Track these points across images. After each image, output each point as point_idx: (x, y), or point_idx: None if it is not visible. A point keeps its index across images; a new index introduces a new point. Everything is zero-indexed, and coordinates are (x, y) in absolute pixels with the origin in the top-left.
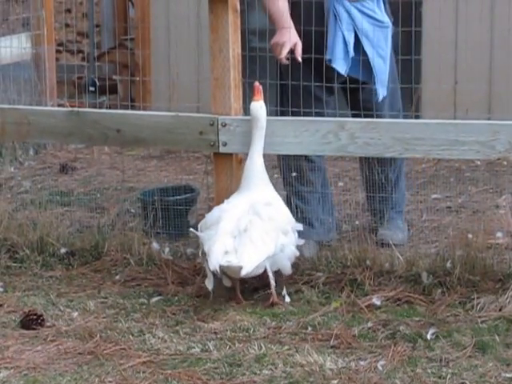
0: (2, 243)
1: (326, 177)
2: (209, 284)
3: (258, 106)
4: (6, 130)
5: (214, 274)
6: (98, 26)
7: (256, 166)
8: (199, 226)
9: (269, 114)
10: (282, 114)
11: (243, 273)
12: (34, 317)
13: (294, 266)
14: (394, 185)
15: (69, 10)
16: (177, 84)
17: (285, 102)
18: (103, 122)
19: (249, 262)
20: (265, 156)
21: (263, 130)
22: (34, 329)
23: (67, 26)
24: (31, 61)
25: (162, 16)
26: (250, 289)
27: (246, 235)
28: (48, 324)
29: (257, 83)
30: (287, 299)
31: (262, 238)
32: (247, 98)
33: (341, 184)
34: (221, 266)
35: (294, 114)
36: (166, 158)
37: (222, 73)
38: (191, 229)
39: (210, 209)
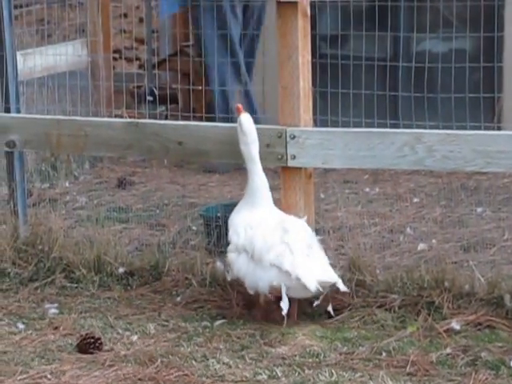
0: (58, 262)
1: None
2: (285, 306)
3: (249, 119)
4: (62, 143)
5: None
6: (156, 31)
7: (264, 183)
8: (229, 249)
9: (340, 124)
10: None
11: (344, 288)
12: (92, 340)
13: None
14: None
15: (125, 15)
16: None
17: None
18: (164, 134)
19: (338, 278)
20: (338, 170)
21: (257, 143)
22: (91, 353)
23: (124, 31)
24: (87, 69)
25: None
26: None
27: (314, 251)
28: (106, 348)
29: (238, 104)
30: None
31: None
32: (317, 108)
33: (416, 200)
34: (320, 283)
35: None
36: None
37: (290, 81)
38: None
39: None
